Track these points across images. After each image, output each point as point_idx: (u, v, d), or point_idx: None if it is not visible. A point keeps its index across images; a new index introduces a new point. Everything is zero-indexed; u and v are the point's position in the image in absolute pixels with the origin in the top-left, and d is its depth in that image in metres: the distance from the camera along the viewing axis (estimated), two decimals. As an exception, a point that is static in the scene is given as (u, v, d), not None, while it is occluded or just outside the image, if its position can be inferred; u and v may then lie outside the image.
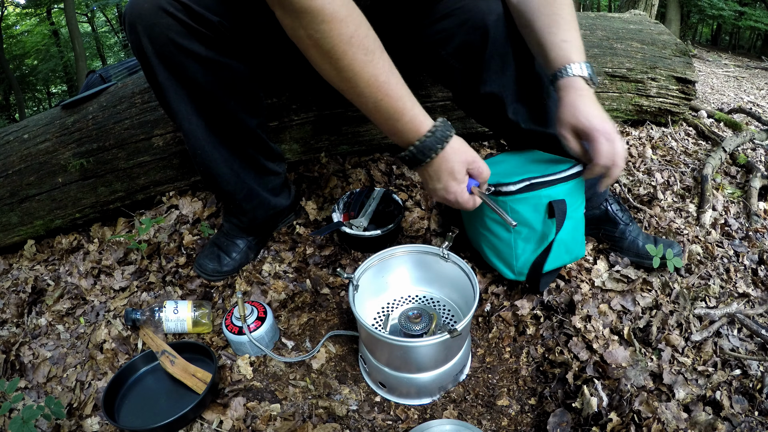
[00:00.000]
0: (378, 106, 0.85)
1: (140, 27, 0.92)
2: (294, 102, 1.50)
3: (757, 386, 0.95)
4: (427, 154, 0.88)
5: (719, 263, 1.27)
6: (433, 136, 0.87)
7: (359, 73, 0.81)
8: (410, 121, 0.86)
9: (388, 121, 0.87)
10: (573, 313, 1.12)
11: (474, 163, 0.93)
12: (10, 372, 1.18)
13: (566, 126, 0.94)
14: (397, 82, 0.85)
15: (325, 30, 0.77)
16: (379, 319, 1.13)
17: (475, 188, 0.95)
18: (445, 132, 0.89)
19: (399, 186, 1.58)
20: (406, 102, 0.86)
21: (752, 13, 9.49)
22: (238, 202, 1.24)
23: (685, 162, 1.73)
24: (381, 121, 0.88)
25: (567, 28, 0.95)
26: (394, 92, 0.84)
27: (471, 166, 0.93)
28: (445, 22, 1.06)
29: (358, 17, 0.80)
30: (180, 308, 1.18)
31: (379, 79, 0.82)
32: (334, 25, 0.77)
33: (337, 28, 0.77)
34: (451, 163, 0.90)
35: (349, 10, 0.79)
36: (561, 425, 0.94)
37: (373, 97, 0.84)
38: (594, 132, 0.91)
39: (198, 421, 1.00)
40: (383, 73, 0.83)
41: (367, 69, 0.81)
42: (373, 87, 0.83)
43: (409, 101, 0.86)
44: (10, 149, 1.56)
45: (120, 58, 13.51)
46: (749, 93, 3.32)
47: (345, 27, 0.78)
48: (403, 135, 0.88)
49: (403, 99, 0.85)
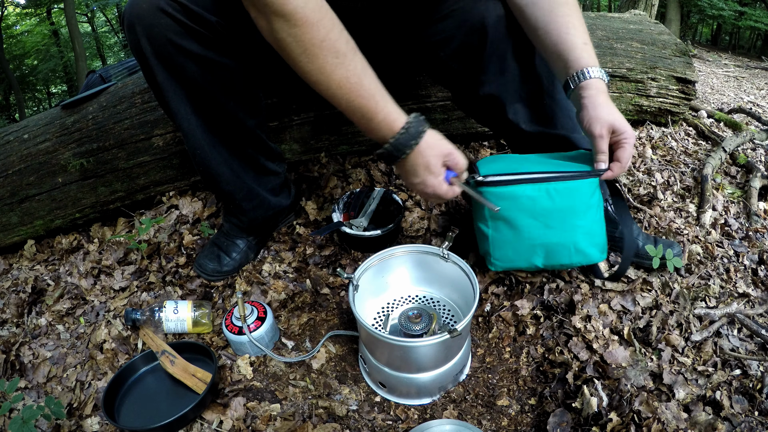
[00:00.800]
0: (350, 106, 0.88)
1: (139, 28, 0.92)
2: (294, 102, 1.50)
3: (757, 386, 0.95)
4: (402, 150, 0.90)
5: (719, 263, 1.27)
6: (406, 132, 0.89)
7: (330, 76, 0.85)
8: (383, 119, 0.89)
9: (362, 119, 0.90)
10: (573, 313, 1.12)
11: (450, 155, 0.94)
12: (10, 372, 1.18)
13: (604, 124, 0.94)
14: (369, 83, 0.87)
15: (297, 34, 0.81)
16: (379, 319, 1.13)
17: (453, 179, 0.97)
18: (419, 128, 0.90)
19: (399, 186, 1.58)
20: (378, 101, 0.88)
21: (752, 13, 9.49)
22: (237, 202, 1.24)
23: (685, 162, 1.73)
24: (356, 120, 0.91)
25: (584, 31, 0.97)
26: (366, 92, 0.87)
27: (447, 159, 0.94)
28: (444, 24, 1.06)
29: (330, 21, 0.83)
30: (180, 308, 1.18)
31: (350, 80, 0.85)
32: (305, 29, 0.80)
33: (309, 32, 0.81)
34: (427, 157, 0.92)
35: (321, 14, 0.82)
36: (561, 425, 0.94)
37: (345, 97, 0.87)
38: (625, 134, 0.94)
39: (198, 421, 1.00)
40: (354, 75, 0.86)
41: (337, 71, 0.84)
42: (345, 88, 0.86)
43: (381, 100, 0.88)
44: (10, 149, 1.56)
45: (120, 58, 13.51)
46: (749, 93, 3.32)
47: (316, 31, 0.81)
48: (378, 132, 0.91)
49: (374, 98, 0.88)
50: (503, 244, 1.09)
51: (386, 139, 0.90)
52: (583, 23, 0.98)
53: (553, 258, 1.10)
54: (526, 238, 1.07)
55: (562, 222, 1.05)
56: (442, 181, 0.95)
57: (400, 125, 0.89)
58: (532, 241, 1.07)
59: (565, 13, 0.96)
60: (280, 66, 1.22)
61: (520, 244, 1.08)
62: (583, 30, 0.98)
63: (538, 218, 1.05)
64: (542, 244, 1.07)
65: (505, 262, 1.12)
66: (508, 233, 1.07)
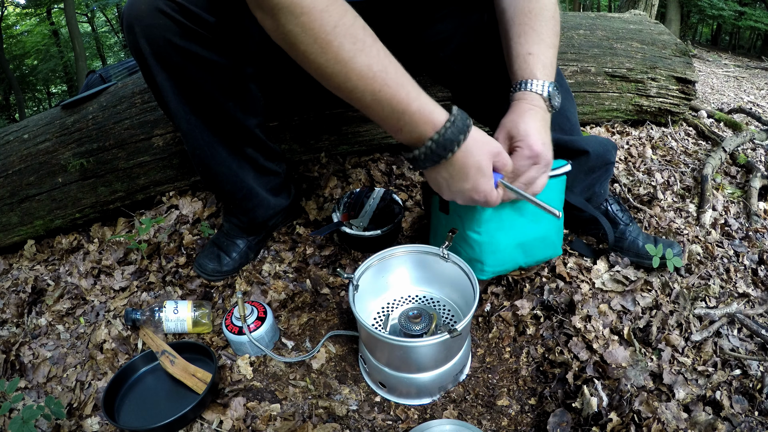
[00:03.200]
0: (377, 98, 0.74)
1: (138, 28, 0.92)
2: (294, 102, 1.50)
3: (757, 386, 0.95)
4: (449, 148, 0.75)
5: (719, 263, 1.27)
6: (453, 126, 0.75)
7: (349, 64, 0.72)
8: (418, 110, 0.74)
9: (393, 114, 0.75)
10: (573, 313, 1.12)
11: (500, 155, 0.82)
12: (10, 372, 1.18)
13: (502, 131, 0.88)
14: (396, 70, 0.74)
15: (305, 22, 0.70)
16: (379, 319, 1.13)
17: (501, 182, 0.84)
18: (465, 121, 0.76)
19: (399, 186, 1.58)
20: (410, 90, 0.74)
21: (752, 13, 9.50)
22: (237, 202, 1.24)
23: (685, 162, 1.73)
24: (384, 117, 0.77)
25: (536, 42, 0.89)
26: (393, 80, 0.73)
27: (497, 159, 0.82)
28: (443, 24, 1.06)
29: (341, 6, 0.72)
30: (180, 308, 1.18)
31: (372, 68, 0.72)
32: (314, 15, 0.70)
33: (318, 19, 0.70)
34: (477, 156, 0.78)
35: (329, 1, 0.71)
36: (561, 425, 0.94)
37: (370, 88, 0.73)
38: (522, 142, 0.84)
39: (198, 421, 1.00)
40: (378, 62, 0.73)
41: (358, 58, 0.72)
42: (368, 78, 0.73)
43: (414, 90, 0.75)
44: (10, 149, 1.56)
45: (120, 58, 13.51)
46: (749, 93, 3.32)
47: (327, 16, 0.70)
48: (413, 129, 0.76)
49: (405, 87, 0.74)
50: (495, 247, 1.06)
51: (425, 136, 0.76)
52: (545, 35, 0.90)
53: (531, 255, 1.11)
54: (514, 236, 1.06)
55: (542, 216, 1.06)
56: (493, 185, 0.82)
57: (444, 117, 0.75)
58: (520, 238, 1.07)
59: (523, 23, 0.90)
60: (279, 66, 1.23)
61: (509, 245, 1.07)
62: (537, 39, 0.89)
63: (525, 215, 1.05)
64: (525, 242, 1.08)
65: (496, 267, 1.09)
66: (499, 235, 1.05)
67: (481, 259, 1.07)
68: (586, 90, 1.80)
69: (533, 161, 0.84)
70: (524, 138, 0.84)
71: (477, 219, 1.02)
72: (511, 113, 0.88)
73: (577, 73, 1.77)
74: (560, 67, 1.53)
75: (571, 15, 2.08)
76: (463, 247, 1.09)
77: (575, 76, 1.77)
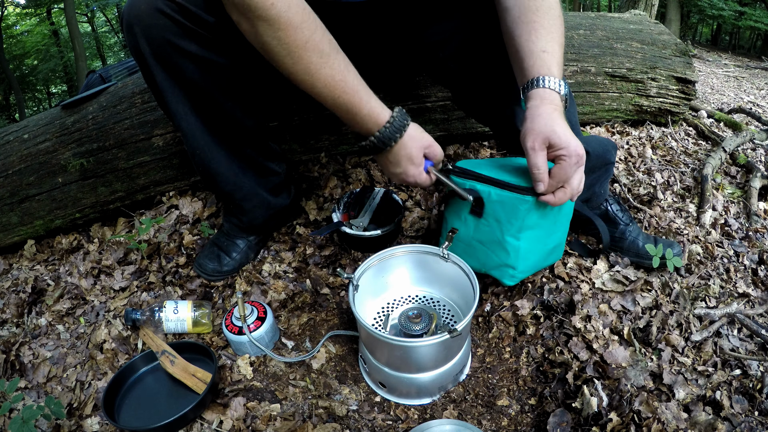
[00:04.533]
0: (336, 103, 0.91)
1: (137, 28, 0.92)
2: (294, 102, 1.50)
3: (757, 386, 0.95)
4: (387, 143, 0.94)
5: (719, 263, 1.27)
6: (391, 126, 0.93)
7: (315, 75, 0.87)
8: (368, 113, 0.92)
9: (347, 114, 0.93)
10: (573, 313, 1.12)
11: (430, 147, 0.99)
12: (10, 372, 1.18)
13: (537, 137, 0.87)
14: (353, 80, 0.90)
15: (282, 37, 0.83)
16: (379, 319, 1.13)
17: (430, 168, 1.02)
18: (402, 121, 0.95)
19: (399, 186, 1.58)
20: (362, 96, 0.91)
21: (752, 13, 9.50)
22: (237, 202, 1.24)
23: (685, 162, 1.73)
24: (341, 115, 0.94)
25: (549, 39, 0.91)
26: (350, 89, 0.90)
27: (427, 150, 0.99)
28: (443, 25, 1.07)
29: (312, 23, 0.85)
30: (180, 308, 1.18)
31: (335, 78, 0.88)
32: (290, 32, 0.83)
33: (293, 35, 0.83)
34: (409, 149, 0.96)
35: (304, 17, 0.84)
36: (561, 425, 0.94)
37: (331, 95, 0.90)
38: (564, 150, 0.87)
39: (198, 421, 1.00)
40: (339, 73, 0.89)
41: (322, 70, 0.87)
42: (330, 86, 0.89)
43: (365, 95, 0.92)
44: (10, 149, 1.56)
45: (120, 58, 13.52)
46: (749, 93, 3.33)
47: (300, 33, 0.83)
48: (363, 126, 0.94)
49: (359, 94, 0.91)
50: (530, 254, 1.05)
51: (371, 132, 0.94)
52: (554, 31, 0.92)
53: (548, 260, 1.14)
54: (546, 243, 1.07)
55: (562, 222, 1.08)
56: (422, 171, 1.00)
57: (385, 119, 0.93)
58: (550, 245, 1.09)
59: (531, 20, 0.91)
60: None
61: (542, 251, 1.08)
62: (549, 37, 0.91)
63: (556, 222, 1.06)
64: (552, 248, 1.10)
65: (525, 273, 1.08)
66: (536, 242, 1.04)
67: (515, 265, 1.05)
68: (586, 90, 1.80)
69: (578, 165, 0.90)
70: (566, 146, 0.87)
71: (519, 225, 1.00)
72: (541, 117, 0.87)
73: (577, 73, 1.77)
74: (560, 67, 1.53)
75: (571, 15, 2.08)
76: (495, 252, 1.06)
77: (575, 76, 1.77)
